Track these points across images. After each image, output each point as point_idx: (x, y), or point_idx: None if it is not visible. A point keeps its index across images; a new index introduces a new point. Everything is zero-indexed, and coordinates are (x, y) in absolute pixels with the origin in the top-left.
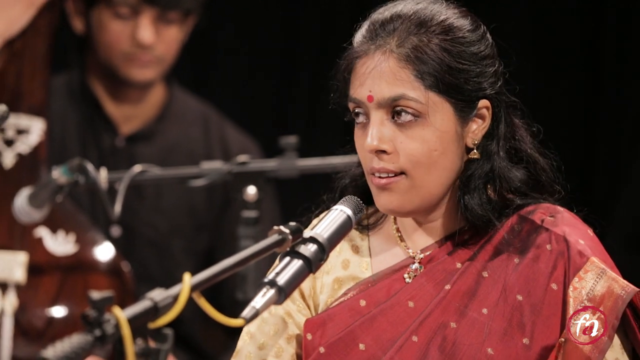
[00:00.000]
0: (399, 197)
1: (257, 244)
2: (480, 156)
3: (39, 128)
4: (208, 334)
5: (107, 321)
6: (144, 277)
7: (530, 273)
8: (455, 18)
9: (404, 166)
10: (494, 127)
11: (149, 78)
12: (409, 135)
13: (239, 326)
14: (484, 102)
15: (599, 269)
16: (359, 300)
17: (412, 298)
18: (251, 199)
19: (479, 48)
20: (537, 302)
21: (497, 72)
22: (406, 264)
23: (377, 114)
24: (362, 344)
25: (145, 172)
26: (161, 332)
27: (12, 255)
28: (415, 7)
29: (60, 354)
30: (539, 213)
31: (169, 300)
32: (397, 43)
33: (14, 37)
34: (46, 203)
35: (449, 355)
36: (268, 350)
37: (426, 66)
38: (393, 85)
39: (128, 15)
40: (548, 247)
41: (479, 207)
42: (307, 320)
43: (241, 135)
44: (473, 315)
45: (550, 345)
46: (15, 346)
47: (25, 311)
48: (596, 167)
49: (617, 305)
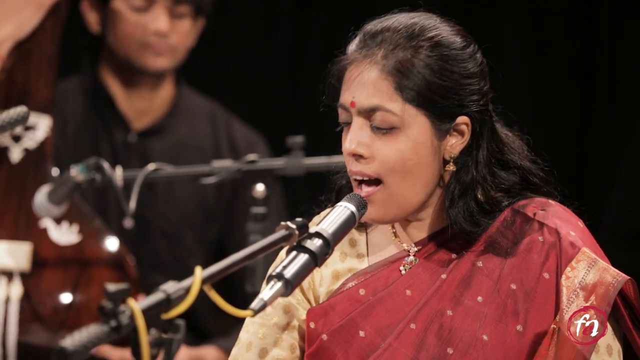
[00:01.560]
0: (379, 208)
1: (265, 238)
2: (459, 169)
3: (45, 124)
4: (219, 325)
5: (122, 312)
6: (156, 266)
7: (523, 263)
8: (446, 34)
9: (379, 172)
10: (473, 142)
11: (163, 66)
12: (385, 142)
13: (248, 317)
14: (463, 118)
15: (590, 259)
16: (359, 289)
17: (410, 287)
18: (259, 196)
19: (465, 66)
20: (530, 290)
21: (482, 91)
22: (401, 256)
23: (358, 119)
24: (362, 331)
25: (158, 170)
26: (174, 323)
27: (18, 244)
28: (408, 20)
29: (78, 343)
30: (531, 206)
31: (181, 292)
32: (382, 55)
33: (23, 39)
34: (64, 199)
35: (446, 341)
36: (268, 341)
37: (407, 80)
38: (372, 95)
39: (143, 7)
40: (540, 238)
41: (465, 221)
42: (310, 310)
43: (248, 131)
44: (468, 303)
45: (542, 332)
46: (23, 332)
47: (31, 299)
48: (587, 164)
49: (608, 292)
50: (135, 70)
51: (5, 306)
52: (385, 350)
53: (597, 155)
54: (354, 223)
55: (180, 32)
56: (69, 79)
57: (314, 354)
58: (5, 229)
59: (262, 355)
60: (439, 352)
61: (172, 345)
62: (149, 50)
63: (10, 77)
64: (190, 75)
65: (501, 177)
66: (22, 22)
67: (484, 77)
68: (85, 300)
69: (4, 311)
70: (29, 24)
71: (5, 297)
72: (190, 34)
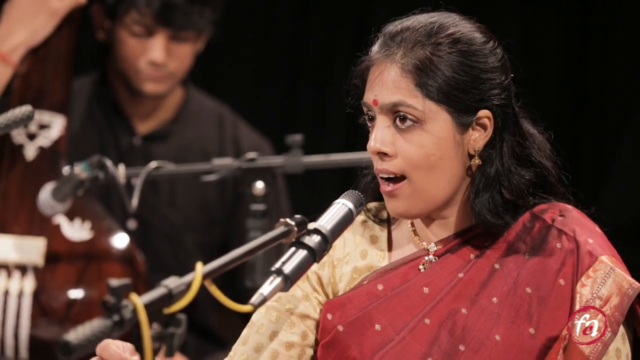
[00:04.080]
0: (404, 203)
1: (264, 235)
2: (483, 162)
3: (59, 124)
4: (221, 320)
5: (125, 307)
6: (158, 267)
7: (539, 268)
8: (465, 31)
9: (404, 169)
10: (496, 135)
11: (160, 92)
12: (408, 139)
13: (248, 312)
14: (484, 112)
15: (607, 268)
16: (377, 284)
17: (427, 284)
18: (259, 193)
19: (485, 61)
20: (544, 295)
21: (503, 85)
22: (421, 255)
23: (381, 118)
24: (377, 324)
25: (160, 168)
26: (175, 317)
27: (32, 240)
28: (427, 19)
29: (82, 337)
30: (550, 212)
31: (182, 288)
32: (402, 54)
33: (38, 45)
34: (68, 197)
35: (459, 339)
36: (281, 324)
37: (426, 76)
38: (394, 92)
39: (143, 34)
40: (558, 245)
41: (489, 213)
42: (328, 302)
43: (254, 134)
44: (483, 303)
45: (554, 336)
46: (34, 326)
47: (43, 293)
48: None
49: (623, 302)
50: (133, 90)
51: (18, 300)
52: (398, 343)
53: (590, 152)
54: (351, 219)
55: (179, 58)
56: (80, 78)
57: (328, 344)
58: (20, 224)
59: (272, 337)
60: (451, 348)
61: (173, 339)
62: (147, 77)
63: (25, 81)
64: (192, 77)
65: (519, 173)
66: (36, 29)
67: (505, 72)
68: (96, 294)
69: (17, 304)
70: (42, 31)
71: (18, 290)
72: (189, 58)
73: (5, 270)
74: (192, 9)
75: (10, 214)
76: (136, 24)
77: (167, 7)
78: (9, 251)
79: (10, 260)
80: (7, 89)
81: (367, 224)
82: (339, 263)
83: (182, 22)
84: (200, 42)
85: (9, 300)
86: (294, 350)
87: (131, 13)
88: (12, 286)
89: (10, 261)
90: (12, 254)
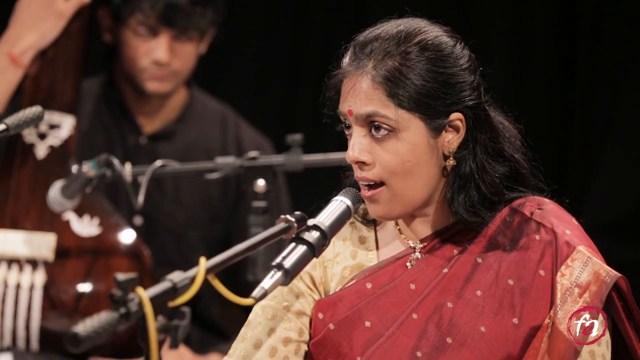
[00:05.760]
0: (384, 207)
1: (265, 231)
2: (458, 163)
3: (69, 123)
4: (223, 312)
5: (131, 300)
6: (163, 262)
7: (520, 260)
8: (431, 37)
9: (382, 175)
10: (469, 135)
11: (165, 91)
12: (384, 147)
13: (250, 305)
14: (456, 115)
15: (585, 257)
16: (366, 283)
17: (414, 281)
18: (260, 191)
19: (452, 65)
20: (526, 286)
21: (473, 85)
22: (408, 253)
23: (357, 128)
24: (367, 321)
25: (165, 166)
26: (180, 310)
27: (42, 235)
28: (395, 29)
29: (90, 329)
30: (528, 206)
31: (186, 282)
32: (373, 65)
33: (46, 47)
34: (77, 194)
35: (446, 331)
36: (277, 322)
37: (397, 87)
38: (367, 104)
39: (147, 35)
40: (537, 237)
41: (466, 211)
42: (319, 301)
43: (255, 134)
44: (468, 297)
45: (537, 325)
46: (45, 318)
47: (53, 286)
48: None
49: (601, 290)
50: (139, 90)
51: (29, 293)
52: (388, 339)
53: (578, 151)
54: (349, 216)
55: (183, 58)
56: (89, 79)
57: (319, 343)
58: (31, 220)
59: (269, 334)
60: (439, 341)
61: (178, 331)
62: (152, 77)
63: (35, 82)
64: (193, 76)
65: (493, 168)
66: (44, 32)
67: (474, 72)
68: (104, 288)
69: (29, 297)
70: (50, 33)
71: (30, 284)
72: (193, 57)
73: (17, 264)
74: (193, 10)
75: (21, 211)
76: (141, 25)
77: (170, 8)
78: (20, 246)
79: (22, 255)
80: (18, 90)
81: (354, 225)
82: (330, 264)
83: (184, 23)
84: (203, 43)
85: (21, 293)
86: (291, 346)
87: (136, 15)
88: (24, 280)
89: (21, 256)
90: (23, 249)
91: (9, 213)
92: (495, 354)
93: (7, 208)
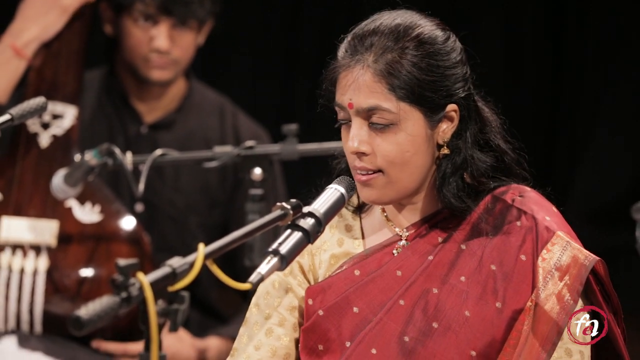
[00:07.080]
0: (377, 192)
1: (262, 218)
2: (451, 151)
3: (72, 114)
4: (221, 297)
5: (132, 285)
6: (163, 248)
7: (502, 246)
8: (427, 31)
9: (381, 165)
10: (462, 125)
11: (165, 78)
12: (384, 139)
13: (247, 289)
14: (451, 106)
15: (564, 242)
16: (354, 270)
17: (400, 268)
18: (257, 179)
19: (448, 58)
20: (508, 271)
21: (465, 77)
22: (394, 240)
23: (357, 119)
24: (355, 307)
25: (165, 155)
26: (179, 295)
27: (46, 222)
28: (392, 22)
29: (92, 312)
30: (509, 193)
31: (185, 267)
32: (373, 59)
33: (50, 40)
34: (79, 182)
35: (432, 317)
36: (274, 321)
37: (398, 80)
38: (369, 97)
39: (147, 24)
40: (518, 223)
41: (454, 198)
42: (309, 288)
43: (252, 124)
44: (453, 282)
45: (519, 309)
46: (48, 302)
47: (56, 271)
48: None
49: (580, 272)
50: (141, 79)
51: (33, 277)
52: (376, 324)
53: (565, 139)
54: (343, 203)
55: (182, 46)
56: (91, 70)
57: (309, 328)
58: (35, 207)
59: (268, 334)
60: (425, 326)
61: (177, 315)
62: (152, 65)
63: (39, 74)
64: (192, 67)
65: (482, 158)
66: (47, 25)
67: (465, 63)
68: (105, 273)
69: (32, 282)
70: (53, 26)
71: (33, 269)
72: (192, 46)
73: (21, 250)
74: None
75: (25, 198)
76: (141, 15)
77: None
78: (24, 232)
79: (26, 241)
80: (22, 81)
81: (340, 214)
82: (318, 251)
83: (183, 11)
84: (202, 34)
85: (25, 278)
86: (290, 342)
87: (136, 5)
88: (27, 265)
89: (25, 242)
90: (27, 235)
91: (13, 200)
92: (480, 337)
93: (12, 195)
